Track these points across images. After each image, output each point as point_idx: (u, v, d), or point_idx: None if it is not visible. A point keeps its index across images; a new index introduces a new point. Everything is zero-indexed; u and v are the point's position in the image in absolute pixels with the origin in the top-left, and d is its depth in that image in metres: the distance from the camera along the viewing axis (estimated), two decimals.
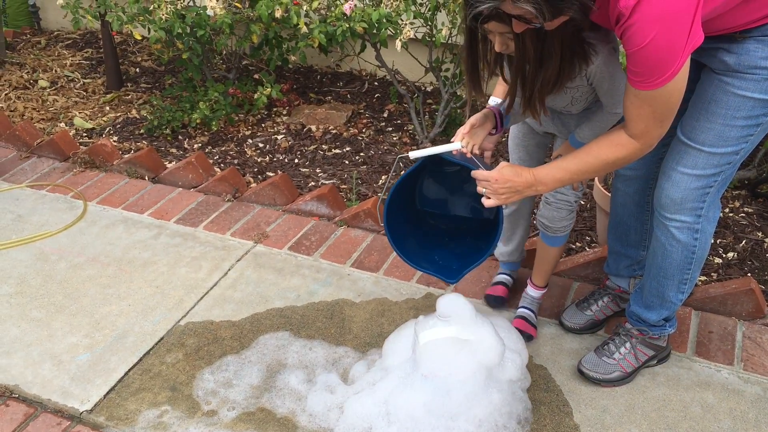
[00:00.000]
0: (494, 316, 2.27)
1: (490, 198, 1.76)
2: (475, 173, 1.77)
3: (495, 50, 1.66)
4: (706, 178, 1.78)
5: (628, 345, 2.11)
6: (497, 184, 1.73)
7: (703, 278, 2.57)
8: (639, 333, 2.11)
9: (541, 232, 2.25)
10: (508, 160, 2.16)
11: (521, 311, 2.35)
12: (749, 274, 2.57)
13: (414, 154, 1.85)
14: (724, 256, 2.69)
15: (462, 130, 1.86)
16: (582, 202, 3.03)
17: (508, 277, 2.48)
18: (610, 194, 2.60)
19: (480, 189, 1.77)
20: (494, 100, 2.00)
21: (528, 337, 2.27)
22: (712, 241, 2.30)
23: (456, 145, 1.83)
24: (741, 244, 2.75)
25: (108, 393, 2.09)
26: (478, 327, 1.90)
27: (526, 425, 1.95)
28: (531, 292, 2.37)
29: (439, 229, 2.15)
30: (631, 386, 2.11)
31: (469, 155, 1.85)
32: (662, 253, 1.93)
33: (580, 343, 2.27)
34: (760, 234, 2.80)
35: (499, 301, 2.40)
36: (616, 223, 2.21)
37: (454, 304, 1.87)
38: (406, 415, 1.87)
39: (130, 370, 2.18)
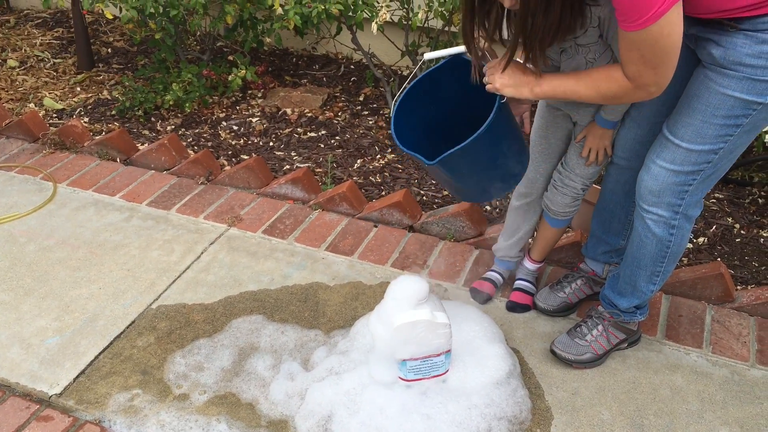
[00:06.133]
0: (465, 306, 2.28)
1: (489, 84, 1.78)
2: (488, 64, 1.81)
3: (502, 9, 1.67)
4: (685, 175, 1.78)
5: (600, 327, 2.13)
6: (502, 68, 1.75)
7: None
8: (611, 316, 2.13)
9: (544, 211, 2.26)
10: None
11: (519, 283, 2.39)
12: (719, 259, 2.61)
13: (428, 55, 1.91)
14: (694, 241, 2.72)
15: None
16: None
17: (499, 277, 2.44)
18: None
19: (484, 78, 1.80)
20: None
21: (527, 308, 2.34)
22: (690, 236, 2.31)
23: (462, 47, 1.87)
24: (711, 230, 2.78)
25: (78, 376, 2.07)
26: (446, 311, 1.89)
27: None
28: (528, 265, 2.40)
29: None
30: (602, 369, 2.13)
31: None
32: (638, 243, 1.94)
33: (553, 326, 2.29)
34: (730, 220, 2.84)
35: (484, 298, 2.39)
36: (602, 208, 2.21)
37: (419, 286, 1.86)
38: (374, 408, 1.87)
39: (100, 353, 2.15)
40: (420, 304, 1.85)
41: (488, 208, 2.94)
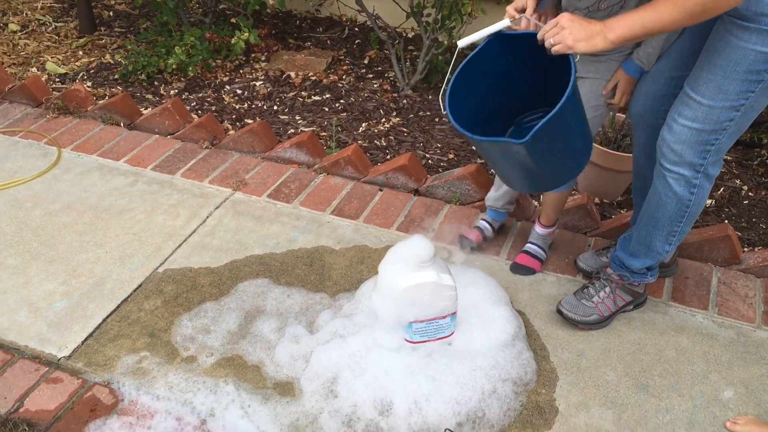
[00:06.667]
0: (471, 269, 2.27)
1: (558, 45, 1.66)
2: (541, 31, 1.69)
3: None
4: (707, 134, 1.75)
5: (607, 289, 2.12)
6: (564, 20, 1.65)
7: None
8: (619, 278, 2.13)
9: None
10: None
11: (526, 246, 2.40)
12: (726, 221, 2.59)
13: (462, 42, 1.79)
14: None
15: (511, 6, 1.80)
16: None
17: (487, 225, 2.48)
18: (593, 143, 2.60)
19: (547, 42, 1.68)
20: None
21: (530, 271, 2.34)
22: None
23: (505, 22, 1.76)
24: (719, 192, 2.76)
25: (86, 339, 2.08)
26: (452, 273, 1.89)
27: (522, 394, 1.91)
28: (537, 229, 2.40)
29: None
30: (607, 330, 2.13)
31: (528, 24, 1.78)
32: (657, 202, 1.92)
33: (558, 289, 2.29)
34: (738, 182, 2.82)
35: (469, 245, 2.42)
36: (636, 173, 2.19)
37: (425, 246, 1.85)
38: (379, 370, 1.88)
39: (108, 316, 2.17)
40: (425, 265, 1.84)
41: (493, 171, 2.92)
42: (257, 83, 3.57)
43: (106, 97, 3.39)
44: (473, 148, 3.06)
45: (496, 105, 1.93)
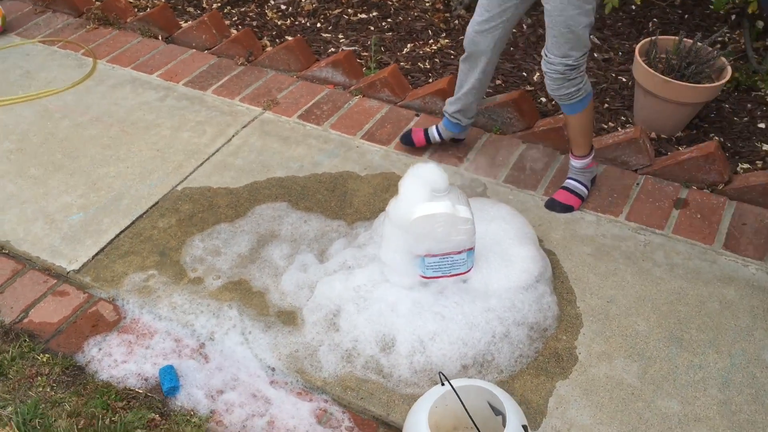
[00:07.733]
0: (498, 204, 2.09)
1: None
2: None
3: None
4: None
5: None
6: None
7: (745, 166, 2.33)
8: None
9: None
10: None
11: (566, 182, 2.23)
12: None
13: None
14: None
15: None
16: (623, 79, 2.75)
17: (436, 134, 2.39)
18: (653, 71, 2.35)
19: None
20: None
21: (568, 209, 2.18)
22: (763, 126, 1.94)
23: None
24: None
25: (97, 254, 2.05)
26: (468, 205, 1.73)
27: (538, 340, 1.77)
28: (573, 162, 2.21)
29: None
30: (644, 277, 1.94)
31: None
32: None
33: (597, 229, 2.10)
34: None
35: (408, 141, 2.40)
36: None
37: (439, 174, 1.69)
38: (385, 305, 1.77)
39: (121, 232, 2.12)
40: (440, 195, 1.69)
41: (543, 99, 2.70)
42: None
43: (147, 9, 3.29)
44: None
45: None
